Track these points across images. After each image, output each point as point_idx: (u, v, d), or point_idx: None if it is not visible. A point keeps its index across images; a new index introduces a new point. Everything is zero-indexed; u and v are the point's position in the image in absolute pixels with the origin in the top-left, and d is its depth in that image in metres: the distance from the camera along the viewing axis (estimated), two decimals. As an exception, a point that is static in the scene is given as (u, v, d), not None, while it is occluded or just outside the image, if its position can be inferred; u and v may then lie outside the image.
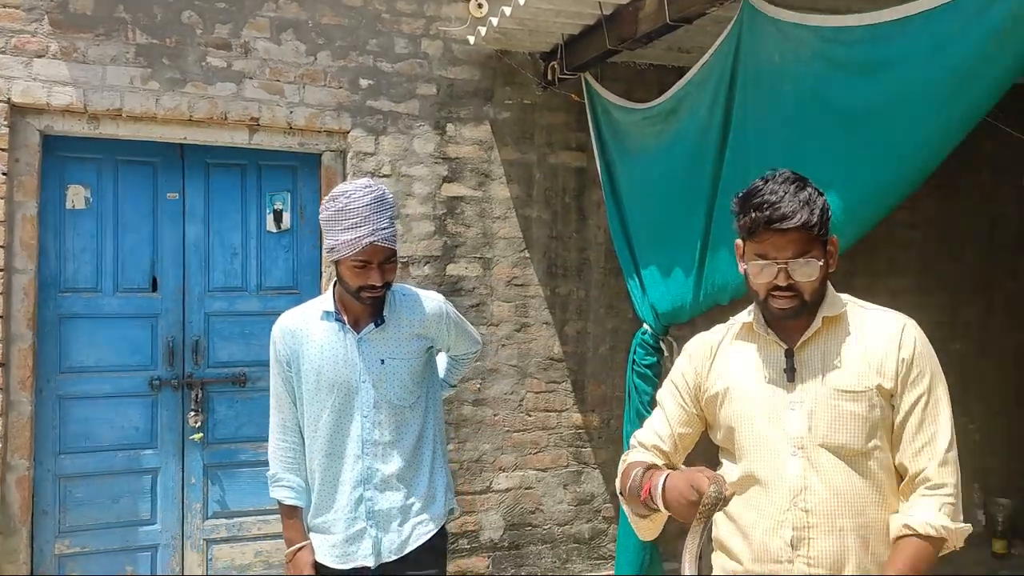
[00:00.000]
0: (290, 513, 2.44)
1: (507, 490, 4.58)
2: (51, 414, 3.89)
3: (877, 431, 1.78)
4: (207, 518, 4.15)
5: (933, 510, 1.72)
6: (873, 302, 1.95)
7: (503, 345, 4.55)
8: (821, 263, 1.78)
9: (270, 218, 4.24)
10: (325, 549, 2.41)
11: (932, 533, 1.70)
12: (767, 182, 1.80)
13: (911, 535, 1.71)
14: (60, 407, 3.91)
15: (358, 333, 2.39)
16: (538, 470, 4.64)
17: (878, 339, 1.81)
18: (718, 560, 1.94)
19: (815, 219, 1.75)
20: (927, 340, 1.85)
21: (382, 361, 2.38)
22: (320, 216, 2.36)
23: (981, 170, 5.60)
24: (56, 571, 3.90)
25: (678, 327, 3.52)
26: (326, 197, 2.35)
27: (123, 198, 4.01)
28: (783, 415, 1.81)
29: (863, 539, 1.76)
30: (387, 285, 2.34)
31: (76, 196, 3.91)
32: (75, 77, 3.79)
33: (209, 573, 4.15)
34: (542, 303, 4.62)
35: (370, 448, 2.37)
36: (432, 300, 2.53)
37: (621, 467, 1.98)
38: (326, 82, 4.19)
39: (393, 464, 2.39)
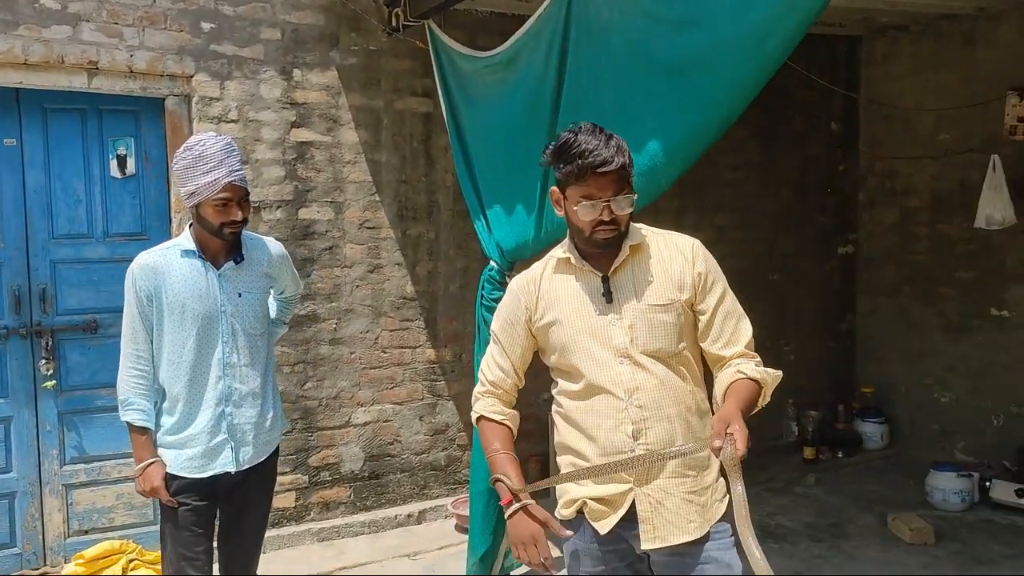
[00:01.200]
0: (141, 433, 2.66)
1: (366, 424, 4.80)
2: None
3: (683, 334, 2.12)
4: (64, 464, 4.18)
5: (752, 365, 2.09)
6: (701, 237, 2.26)
7: (357, 286, 4.72)
8: (634, 197, 2.05)
9: (113, 163, 4.21)
10: (182, 462, 2.66)
11: (758, 377, 2.06)
12: (576, 134, 2.03)
13: (743, 379, 2.04)
14: (-101, 359, 3.83)
15: (218, 270, 2.67)
16: (395, 404, 4.89)
17: (675, 258, 2.14)
18: (565, 460, 2.22)
19: (628, 160, 2.04)
20: (711, 255, 2.19)
21: (239, 294, 2.70)
22: (175, 167, 2.61)
23: (795, 117, 6.17)
24: (-96, 525, 3.87)
25: (522, 263, 3.78)
26: (179, 149, 2.60)
27: (-45, 144, 3.90)
28: (607, 331, 2.09)
29: (685, 421, 2.10)
30: (245, 221, 2.64)
31: (-96, 142, 3.78)
32: None
33: (69, 517, 4.20)
34: (394, 245, 4.81)
35: (229, 370, 2.68)
36: (275, 244, 2.90)
37: (475, 408, 2.26)
38: (167, 25, 4.16)
39: (248, 384, 2.72)
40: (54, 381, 4.10)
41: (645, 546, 2.07)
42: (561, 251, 2.20)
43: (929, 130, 6.03)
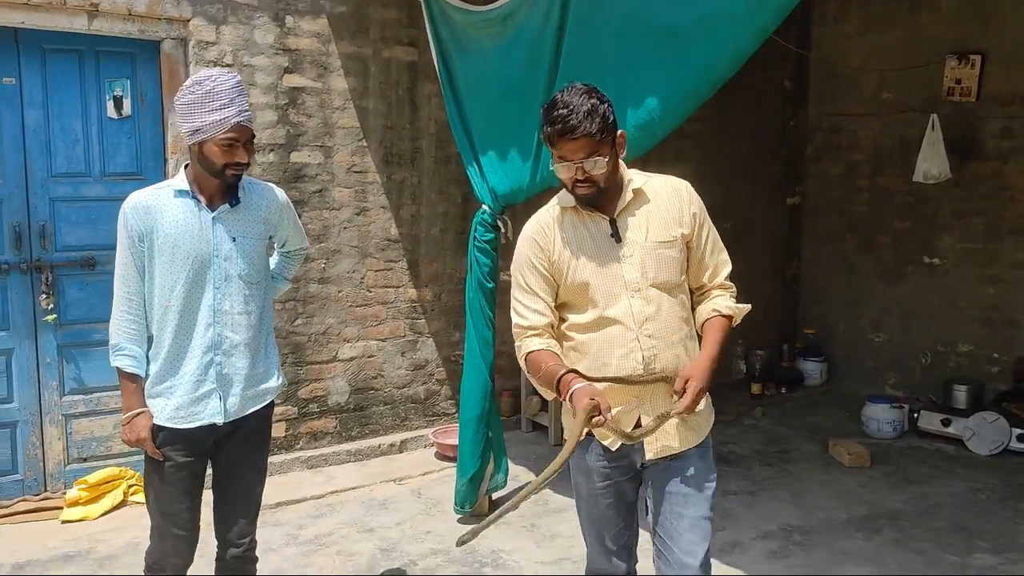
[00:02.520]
0: (131, 380, 2.54)
1: (351, 359, 5.06)
2: None
3: (682, 267, 2.36)
4: (64, 395, 4.34)
5: (729, 300, 2.41)
6: None
7: (344, 228, 4.93)
8: (607, 159, 2.21)
9: (110, 104, 4.31)
10: (168, 412, 2.53)
11: (730, 313, 2.39)
12: (563, 94, 2.21)
13: (717, 315, 2.37)
14: (-95, 292, 3.93)
15: (213, 211, 2.55)
16: (379, 340, 5.15)
17: (671, 199, 2.36)
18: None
19: (595, 128, 2.17)
20: (696, 193, 2.44)
21: (234, 239, 2.57)
22: (180, 101, 2.47)
23: (753, 72, 6.48)
24: (-87, 451, 4.01)
25: (514, 207, 4.04)
26: (187, 83, 2.48)
27: (-43, 82, 3.97)
28: (619, 267, 2.29)
29: (684, 346, 2.35)
30: (248, 164, 2.55)
31: (-95, 79, 3.83)
32: None
33: (69, 445, 4.38)
34: (379, 189, 5.02)
35: (220, 317, 2.56)
36: (278, 190, 2.77)
37: (520, 351, 2.36)
38: (163, -31, 4.25)
39: (240, 333, 2.60)
40: (54, 315, 4.24)
41: (649, 456, 2.35)
42: (565, 199, 2.37)
43: (873, 89, 6.45)
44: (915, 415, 5.70)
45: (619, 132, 2.29)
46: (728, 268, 2.45)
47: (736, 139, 6.61)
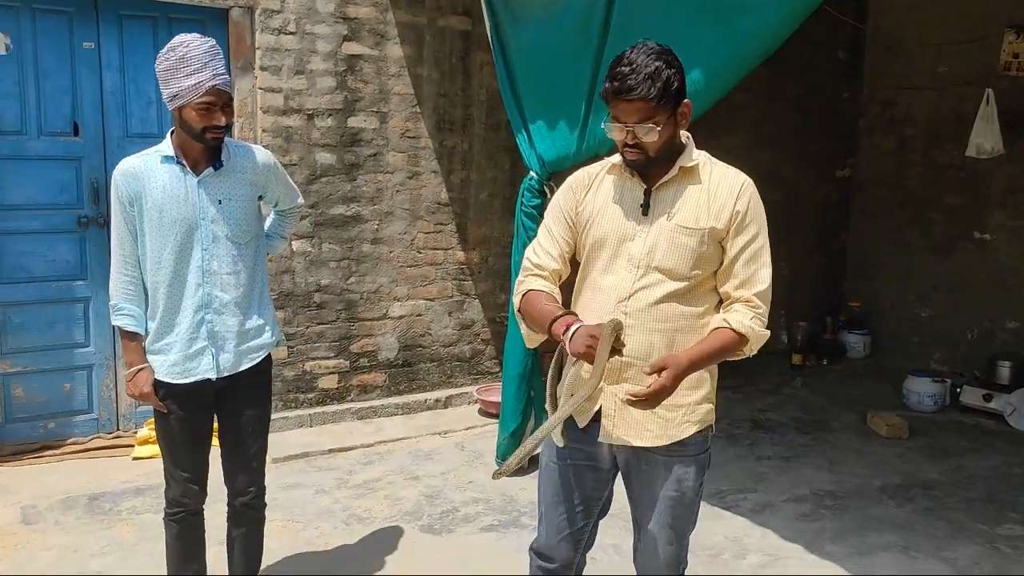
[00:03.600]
0: (130, 338, 2.66)
1: (401, 317, 5.28)
2: (-15, 248, 4.24)
3: (701, 263, 2.14)
4: (136, 341, 4.64)
5: (748, 316, 2.12)
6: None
7: (397, 191, 5.13)
8: (660, 128, 2.05)
9: (180, 69, 4.54)
10: (165, 368, 2.64)
11: (741, 330, 2.10)
12: (631, 50, 2.06)
13: (725, 327, 2.12)
14: (-6, 241, 4.25)
15: (197, 176, 2.61)
16: (427, 300, 5.36)
17: (721, 190, 2.15)
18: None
19: (654, 92, 2.01)
20: (759, 199, 2.18)
21: (220, 201, 2.63)
22: (158, 68, 2.51)
23: (804, 44, 6.47)
24: (0, 388, 4.36)
25: (561, 174, 4.18)
26: (163, 49, 2.51)
27: (42, 46, 4.23)
28: (631, 239, 2.17)
29: (671, 340, 2.14)
30: (228, 127, 2.59)
31: (-4, 42, 4.12)
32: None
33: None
34: (431, 154, 5.21)
35: (209, 277, 2.64)
36: (262, 152, 2.80)
37: (520, 288, 2.29)
38: (231, -61, 4.46)
39: (230, 292, 2.68)
40: (127, 267, 4.52)
41: (601, 439, 2.22)
42: (618, 158, 2.26)
43: (929, 62, 6.40)
44: (957, 390, 5.73)
45: (684, 102, 2.12)
46: (762, 287, 2.15)
47: (786, 110, 6.63)
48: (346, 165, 4.92)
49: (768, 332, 2.16)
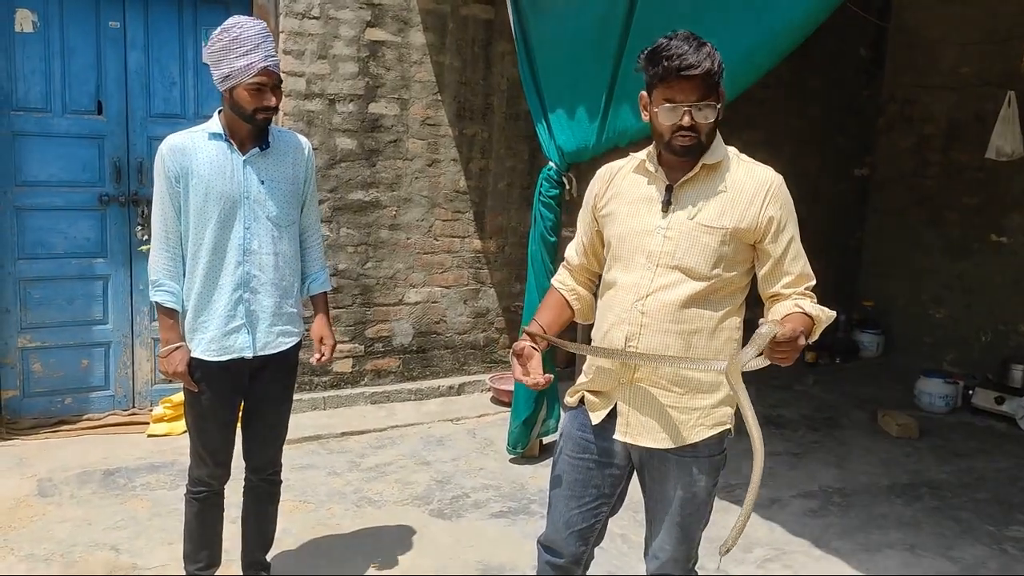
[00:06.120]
0: (168, 315, 2.66)
1: (416, 303, 5.32)
2: (9, 223, 4.29)
3: (722, 262, 2.10)
4: (154, 319, 4.65)
5: (812, 303, 2.12)
6: None
7: (416, 178, 5.16)
8: (718, 107, 2.04)
9: (205, 50, 4.57)
10: (204, 345, 2.66)
11: (814, 313, 2.08)
12: (671, 39, 2.02)
13: (799, 312, 2.07)
14: (17, 217, 4.31)
15: (243, 155, 2.64)
16: (443, 287, 5.39)
17: (747, 190, 2.10)
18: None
19: (716, 67, 2.01)
20: (788, 195, 2.14)
21: (262, 182, 2.66)
22: (209, 49, 2.55)
23: (828, 40, 6.45)
24: (19, 362, 4.41)
25: (577, 165, 4.20)
26: (215, 31, 2.55)
27: (68, 24, 4.27)
28: (650, 237, 2.13)
29: (687, 341, 2.11)
30: (277, 108, 2.62)
31: (24, 20, 4.15)
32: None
33: (156, 367, 4.74)
34: (451, 142, 5.22)
35: (249, 256, 2.66)
36: (304, 140, 2.84)
37: (552, 281, 2.41)
38: (257, -78, 4.48)
39: (268, 273, 2.71)
40: (148, 246, 4.53)
41: (616, 436, 2.21)
42: (643, 153, 2.24)
43: (952, 62, 6.36)
44: (970, 392, 5.71)
45: (721, 90, 2.09)
46: (812, 281, 2.17)
47: (807, 106, 6.61)
48: (366, 151, 4.95)
49: (834, 313, 2.15)
